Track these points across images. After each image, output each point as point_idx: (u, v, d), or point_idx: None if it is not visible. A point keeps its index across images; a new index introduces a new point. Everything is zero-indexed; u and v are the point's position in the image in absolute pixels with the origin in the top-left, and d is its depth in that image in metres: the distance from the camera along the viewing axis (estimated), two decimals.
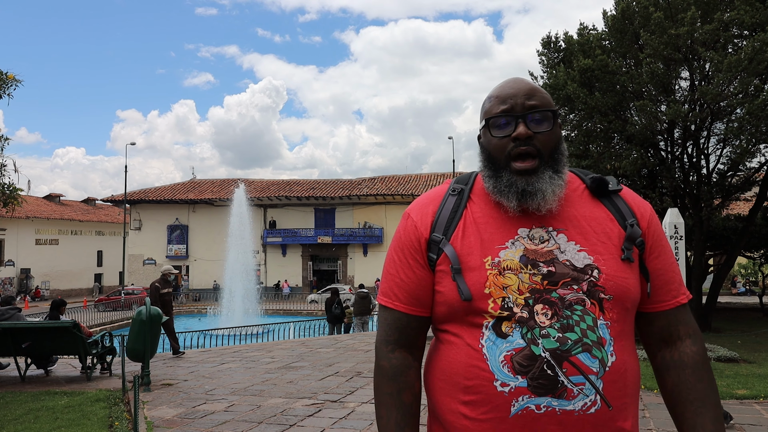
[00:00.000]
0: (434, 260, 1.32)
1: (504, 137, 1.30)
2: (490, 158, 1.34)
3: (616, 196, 1.37)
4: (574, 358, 1.19)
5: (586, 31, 13.58)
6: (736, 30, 11.53)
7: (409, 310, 1.35)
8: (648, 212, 1.38)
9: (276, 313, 27.92)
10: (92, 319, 23.34)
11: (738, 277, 32.11)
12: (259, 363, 9.92)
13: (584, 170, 1.44)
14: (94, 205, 53.92)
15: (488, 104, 1.36)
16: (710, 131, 13.02)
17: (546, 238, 1.29)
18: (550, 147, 1.31)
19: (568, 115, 13.17)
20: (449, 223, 1.33)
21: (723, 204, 14.43)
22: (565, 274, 1.24)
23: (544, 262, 1.25)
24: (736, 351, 9.86)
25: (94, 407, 6.56)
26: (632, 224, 1.32)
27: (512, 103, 1.31)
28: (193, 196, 41.76)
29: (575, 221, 1.31)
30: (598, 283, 1.24)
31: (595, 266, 1.25)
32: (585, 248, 1.27)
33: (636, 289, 1.29)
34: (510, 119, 1.30)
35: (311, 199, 40.96)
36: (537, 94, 1.33)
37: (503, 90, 1.35)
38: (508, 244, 1.28)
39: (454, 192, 1.39)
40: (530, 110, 1.30)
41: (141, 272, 42.42)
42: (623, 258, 1.28)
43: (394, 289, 1.37)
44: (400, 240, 1.39)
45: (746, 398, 6.79)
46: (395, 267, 1.38)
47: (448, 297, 1.28)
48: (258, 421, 5.98)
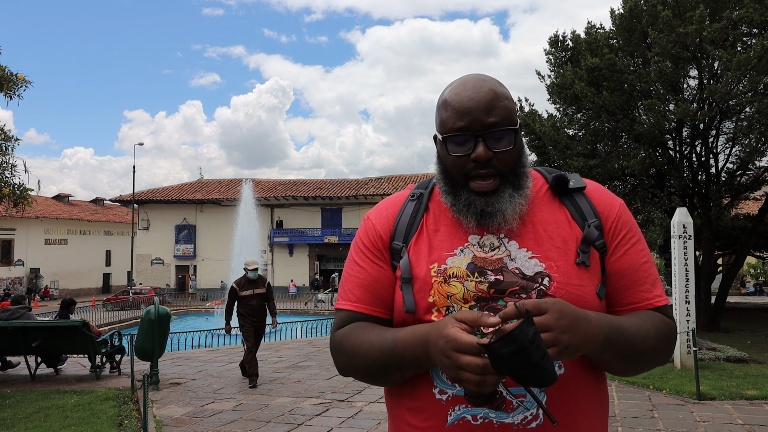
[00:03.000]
0: (395, 267, 1.29)
1: (462, 156, 1.22)
2: (446, 173, 1.27)
3: (579, 195, 1.29)
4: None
5: (594, 30, 13.53)
6: (745, 28, 11.47)
7: (368, 310, 1.28)
8: (615, 210, 1.29)
9: (282, 312, 27.96)
10: (101, 318, 23.47)
11: (747, 277, 31.87)
12: (267, 362, 9.94)
13: (550, 168, 1.36)
14: (103, 205, 54.21)
15: (444, 114, 1.25)
16: (719, 130, 12.95)
17: (497, 245, 1.23)
18: (511, 164, 1.23)
19: (576, 114, 13.13)
20: (408, 229, 1.30)
21: (732, 203, 14.35)
22: (513, 282, 1.18)
23: (492, 270, 1.20)
24: (745, 351, 9.80)
25: (104, 406, 6.60)
26: (590, 225, 1.24)
27: (470, 120, 1.20)
28: (200, 196, 41.89)
29: (530, 226, 1.25)
30: (548, 292, 1.17)
31: (546, 274, 1.19)
32: (537, 255, 1.21)
33: (593, 296, 1.20)
34: (467, 137, 1.21)
35: (318, 199, 41.00)
36: (497, 106, 1.21)
37: (461, 100, 1.22)
38: (456, 252, 1.24)
39: (413, 197, 1.35)
40: (490, 128, 1.20)
41: (149, 272, 42.60)
42: (578, 262, 1.20)
43: (353, 290, 1.30)
44: (360, 241, 1.34)
45: (756, 399, 6.75)
46: (355, 267, 1.32)
47: (399, 305, 1.25)
48: (266, 420, 6.00)
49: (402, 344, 1.16)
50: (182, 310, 29.58)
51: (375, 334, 1.22)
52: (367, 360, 1.21)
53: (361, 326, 1.26)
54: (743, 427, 5.53)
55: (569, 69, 12.39)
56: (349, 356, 1.25)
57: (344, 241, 40.12)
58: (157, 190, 44.02)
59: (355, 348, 1.23)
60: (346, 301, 1.31)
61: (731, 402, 6.62)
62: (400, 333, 1.18)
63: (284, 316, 24.25)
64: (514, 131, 1.23)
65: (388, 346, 1.18)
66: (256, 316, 8.04)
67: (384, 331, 1.23)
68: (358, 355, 1.22)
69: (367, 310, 1.28)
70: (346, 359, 1.26)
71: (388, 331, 1.21)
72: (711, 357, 9.10)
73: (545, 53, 14.18)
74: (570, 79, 11.97)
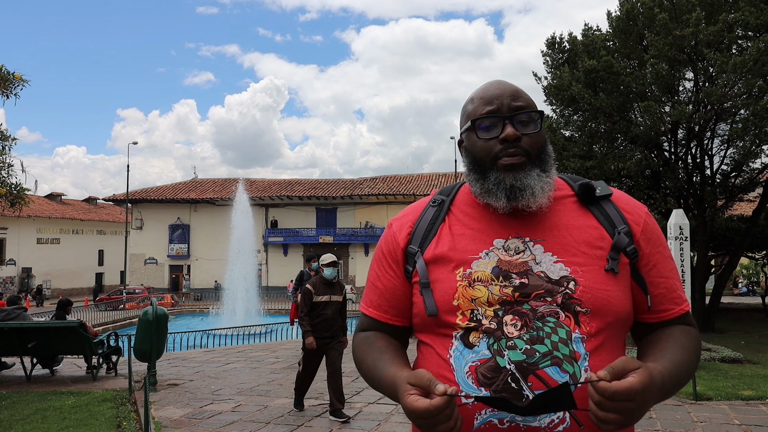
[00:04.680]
0: (410, 272, 1.31)
1: (491, 139, 1.27)
2: (475, 161, 1.30)
3: (606, 202, 1.30)
4: (541, 371, 1.13)
5: (591, 32, 13.59)
6: (740, 31, 11.54)
7: (382, 317, 1.36)
8: (642, 217, 1.31)
9: (278, 312, 27.91)
10: (95, 318, 23.37)
11: (740, 278, 32.10)
12: (264, 363, 9.93)
13: (574, 176, 1.38)
14: (96, 205, 53.95)
15: (471, 106, 1.33)
16: (714, 132, 13.03)
17: (521, 249, 1.24)
18: (537, 148, 1.27)
19: (573, 116, 13.17)
20: (426, 234, 1.32)
21: (726, 205, 14.44)
22: (539, 285, 1.19)
23: (517, 273, 1.21)
24: (739, 352, 9.87)
25: (102, 407, 6.57)
26: (620, 231, 1.25)
27: (498, 104, 1.27)
28: (194, 195, 41.76)
29: (555, 231, 1.26)
30: (574, 296, 1.18)
31: (572, 278, 1.20)
32: (562, 259, 1.22)
33: (621, 301, 1.21)
34: (496, 120, 1.26)
35: (313, 199, 40.95)
36: (522, 95, 1.30)
37: (487, 91, 1.31)
38: (481, 255, 1.25)
39: (434, 203, 1.37)
40: (517, 111, 1.26)
41: (142, 271, 42.43)
42: (607, 269, 1.21)
43: (370, 296, 1.39)
44: (381, 250, 1.40)
45: (752, 399, 6.80)
46: (374, 274, 1.40)
47: (421, 309, 1.27)
48: (266, 421, 5.99)
49: (384, 384, 1.25)
50: (176, 310, 29.47)
51: (372, 359, 1.31)
52: (366, 378, 1.33)
53: (369, 341, 1.36)
54: (740, 428, 5.57)
55: (566, 70, 12.44)
56: (357, 365, 1.38)
57: (339, 241, 40.10)
58: (151, 189, 43.85)
59: (360, 362, 1.36)
60: (366, 306, 1.41)
61: (728, 402, 6.66)
62: (385, 372, 1.26)
63: (280, 317, 24.27)
64: (540, 116, 1.29)
65: (377, 377, 1.28)
66: (330, 330, 6.17)
67: (380, 356, 1.30)
68: (362, 370, 1.35)
69: (383, 318, 1.37)
70: (357, 367, 1.38)
71: (382, 360, 1.29)
72: (706, 357, 9.16)
73: (542, 55, 14.24)
74: (567, 80, 12.01)
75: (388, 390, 1.24)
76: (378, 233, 39.96)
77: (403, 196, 39.58)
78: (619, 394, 0.99)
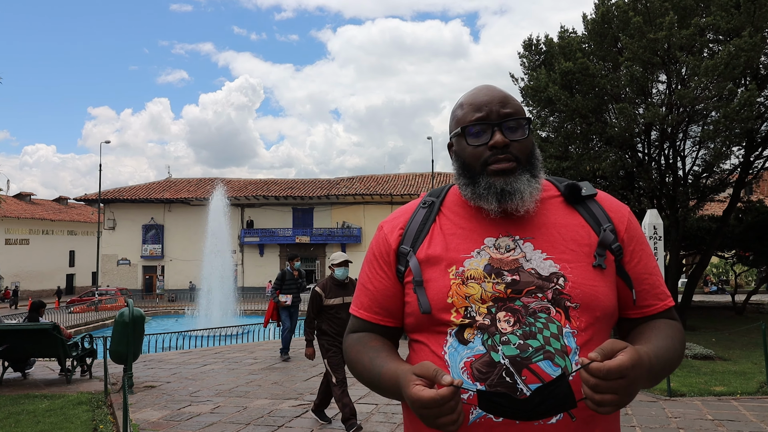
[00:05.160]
0: (402, 272, 1.33)
1: (480, 145, 1.30)
2: (465, 166, 1.33)
3: (591, 202, 1.35)
4: (535, 365, 1.15)
5: (567, 35, 13.76)
6: (712, 35, 11.80)
7: (373, 318, 1.37)
8: (625, 215, 1.36)
9: (255, 313, 27.69)
10: (67, 320, 22.90)
11: (710, 276, 32.84)
12: (242, 364, 9.85)
13: (559, 178, 1.42)
14: (66, 205, 52.92)
15: (461, 112, 1.35)
16: (686, 134, 13.31)
17: (512, 247, 1.27)
18: (526, 153, 1.30)
19: (549, 117, 13.33)
20: (417, 235, 1.34)
21: (698, 205, 14.76)
22: (530, 282, 1.23)
23: (508, 270, 1.24)
24: (711, 349, 10.09)
25: (77, 410, 6.44)
26: (606, 229, 1.30)
27: (487, 110, 1.30)
28: (168, 195, 41.21)
29: (544, 229, 1.30)
30: (564, 291, 1.22)
31: (561, 274, 1.23)
32: (552, 256, 1.26)
33: (608, 297, 1.25)
34: (485, 127, 1.29)
35: (289, 199, 40.74)
36: (511, 101, 1.32)
37: (476, 97, 1.34)
38: (473, 254, 1.28)
39: (425, 205, 1.40)
40: (506, 118, 1.29)
41: (115, 272, 41.74)
42: (594, 265, 1.26)
43: (361, 298, 1.40)
44: (372, 251, 1.41)
45: (724, 395, 6.96)
46: (365, 277, 1.41)
47: (414, 308, 1.29)
48: (245, 422, 5.94)
49: (383, 381, 1.26)
50: (150, 311, 29.04)
51: (368, 358, 1.31)
52: (362, 378, 1.34)
53: (363, 341, 1.36)
54: (713, 423, 5.70)
55: (543, 72, 12.58)
56: (351, 367, 1.38)
57: (316, 241, 39.96)
58: (124, 189, 43.16)
59: (354, 363, 1.36)
60: (356, 308, 1.42)
61: (700, 398, 6.82)
62: (384, 368, 1.26)
63: (257, 317, 24.07)
64: (528, 122, 1.32)
65: (375, 374, 1.28)
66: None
67: (377, 354, 1.31)
68: (356, 371, 1.36)
69: (374, 319, 1.38)
70: (350, 368, 1.39)
71: (378, 358, 1.30)
72: None
73: (519, 56, 14.37)
74: (544, 82, 12.15)
75: (387, 385, 1.24)
76: (355, 233, 39.93)
77: (380, 196, 39.61)
78: (613, 372, 1.02)
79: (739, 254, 19.24)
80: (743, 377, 8.01)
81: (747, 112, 10.77)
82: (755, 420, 5.76)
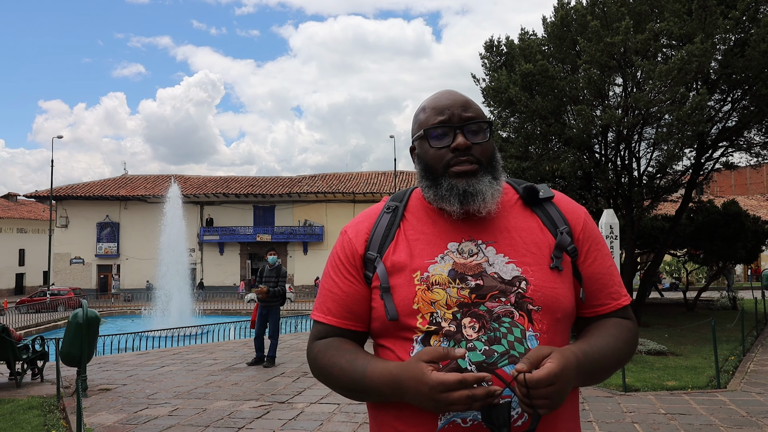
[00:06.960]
0: (370, 278, 1.33)
1: (442, 148, 1.31)
2: (428, 168, 1.34)
3: (548, 204, 1.37)
4: (500, 370, 1.17)
5: (527, 37, 13.97)
6: (665, 40, 12.14)
7: (342, 323, 1.35)
8: (581, 217, 1.38)
9: (214, 313, 27.26)
10: (16, 321, 22.10)
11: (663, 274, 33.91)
12: (201, 365, 9.67)
13: (518, 180, 1.45)
14: (16, 201, 51.06)
15: (423, 115, 1.37)
16: (641, 136, 13.67)
17: (475, 252, 1.29)
18: (488, 156, 1.32)
19: (510, 118, 13.51)
20: (383, 240, 1.34)
21: (652, 205, 15.20)
22: (493, 286, 1.24)
23: (472, 275, 1.25)
24: (664, 344, 10.42)
25: (27, 415, 6.22)
26: (562, 231, 1.32)
27: (449, 114, 1.32)
28: (124, 192, 40.22)
29: (505, 233, 1.31)
30: (526, 295, 1.24)
31: (523, 278, 1.25)
32: (514, 260, 1.27)
33: (567, 298, 1.28)
34: (447, 130, 1.31)
35: (250, 197, 40.25)
36: (472, 105, 1.35)
37: (439, 101, 1.36)
38: (437, 259, 1.28)
39: (388, 210, 1.40)
40: (467, 121, 1.31)
41: (68, 272, 40.52)
42: (552, 267, 1.28)
43: (327, 303, 1.37)
44: (337, 256, 1.39)
45: (676, 389, 7.19)
46: (330, 282, 1.38)
47: (381, 314, 1.29)
48: (205, 424, 5.84)
49: (370, 380, 1.23)
50: (105, 311, 28.28)
51: (346, 360, 1.28)
52: (339, 383, 1.29)
53: (336, 346, 1.32)
54: (666, 416, 5.89)
55: (504, 73, 12.74)
56: (323, 374, 1.33)
57: (277, 239, 39.61)
58: (78, 185, 41.91)
59: (328, 369, 1.30)
60: (320, 314, 1.37)
61: (654, 393, 7.03)
62: (369, 367, 1.24)
63: (216, 317, 23.70)
64: (489, 126, 1.35)
65: (357, 376, 1.25)
66: None
67: (355, 356, 1.28)
68: (331, 377, 1.30)
69: (341, 324, 1.35)
70: (321, 376, 1.34)
71: (358, 359, 1.27)
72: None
73: (480, 57, 14.52)
74: (505, 83, 12.31)
75: (377, 383, 1.22)
76: (317, 231, 39.75)
77: (342, 195, 39.52)
78: (542, 381, 1.08)
79: (690, 252, 19.90)
80: (694, 372, 8.29)
81: (698, 116, 11.15)
82: (705, 413, 5.97)
